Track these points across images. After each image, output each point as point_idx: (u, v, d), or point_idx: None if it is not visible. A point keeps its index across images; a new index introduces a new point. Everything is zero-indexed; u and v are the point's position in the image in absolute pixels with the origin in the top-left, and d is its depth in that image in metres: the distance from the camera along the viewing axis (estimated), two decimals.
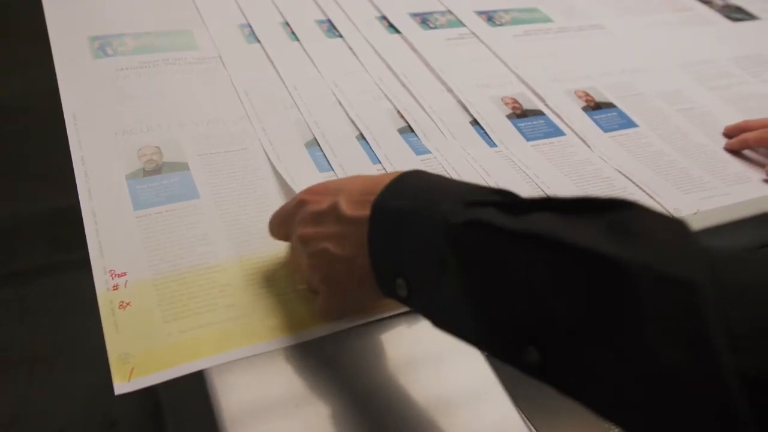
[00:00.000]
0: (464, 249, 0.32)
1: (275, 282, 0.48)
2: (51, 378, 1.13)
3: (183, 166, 0.56)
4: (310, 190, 0.44)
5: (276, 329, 0.45)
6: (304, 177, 0.57)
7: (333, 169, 0.59)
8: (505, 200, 0.33)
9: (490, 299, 0.31)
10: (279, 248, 0.50)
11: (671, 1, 1.01)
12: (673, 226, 0.29)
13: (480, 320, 0.32)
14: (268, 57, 0.72)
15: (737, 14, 0.99)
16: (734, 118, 0.73)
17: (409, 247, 0.35)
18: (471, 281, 0.32)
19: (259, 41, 0.75)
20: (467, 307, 0.32)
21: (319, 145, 0.61)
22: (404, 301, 0.37)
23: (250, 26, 0.77)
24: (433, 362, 0.45)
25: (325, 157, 0.60)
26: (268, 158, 0.59)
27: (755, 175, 0.66)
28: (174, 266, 0.48)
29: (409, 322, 0.46)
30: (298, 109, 0.65)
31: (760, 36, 0.94)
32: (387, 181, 0.38)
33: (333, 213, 0.40)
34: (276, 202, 0.55)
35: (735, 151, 0.69)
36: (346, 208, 0.39)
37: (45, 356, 1.16)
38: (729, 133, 0.71)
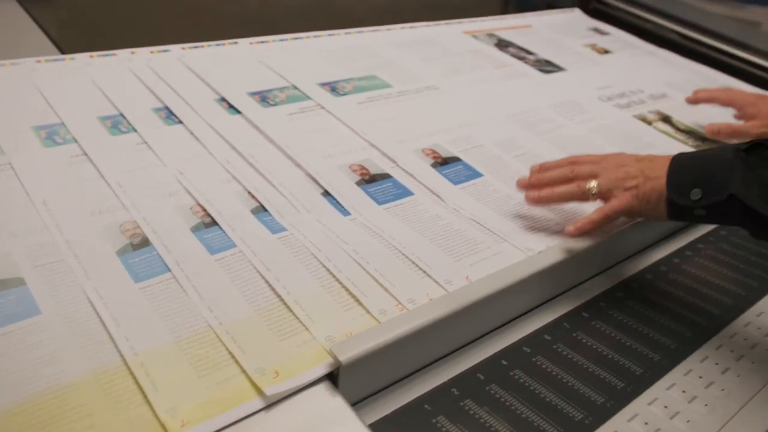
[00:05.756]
0: (748, 157, 0.56)
1: (138, 392, 0.45)
2: None
3: (18, 282, 0.52)
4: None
5: None
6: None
7: (169, 270, 0.56)
8: None
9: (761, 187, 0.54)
10: (139, 357, 0.47)
11: (492, 60, 1.10)
12: None
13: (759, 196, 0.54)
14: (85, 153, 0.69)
15: (548, 67, 1.11)
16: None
17: (702, 170, 0.58)
18: (751, 176, 0.55)
19: (73, 139, 0.71)
20: (745, 191, 0.55)
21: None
22: (691, 205, 0.58)
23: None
24: None
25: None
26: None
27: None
28: (17, 397, 0.43)
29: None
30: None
31: (569, 85, 1.06)
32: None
33: (644, 158, 0.65)
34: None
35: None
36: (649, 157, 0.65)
37: None
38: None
